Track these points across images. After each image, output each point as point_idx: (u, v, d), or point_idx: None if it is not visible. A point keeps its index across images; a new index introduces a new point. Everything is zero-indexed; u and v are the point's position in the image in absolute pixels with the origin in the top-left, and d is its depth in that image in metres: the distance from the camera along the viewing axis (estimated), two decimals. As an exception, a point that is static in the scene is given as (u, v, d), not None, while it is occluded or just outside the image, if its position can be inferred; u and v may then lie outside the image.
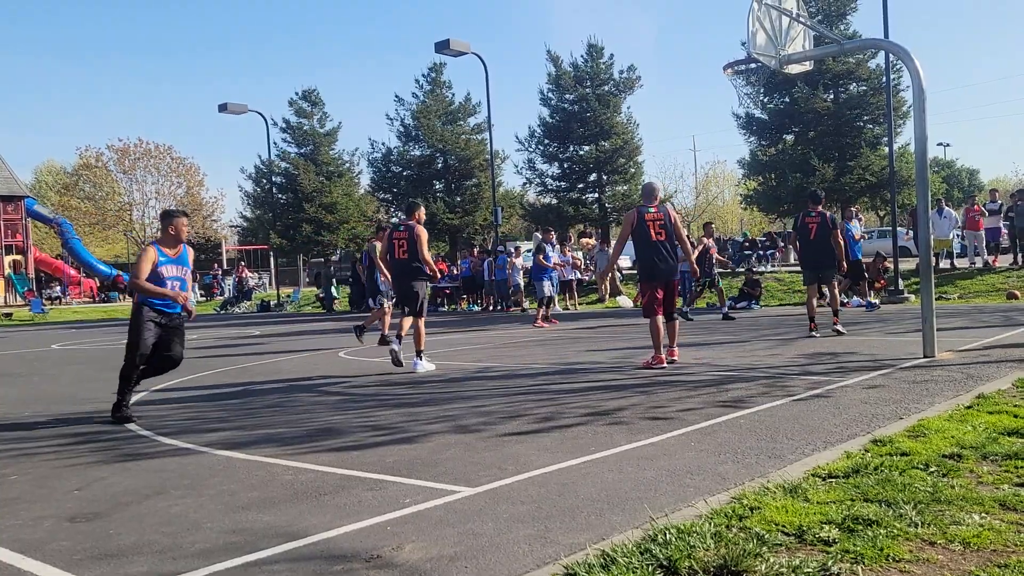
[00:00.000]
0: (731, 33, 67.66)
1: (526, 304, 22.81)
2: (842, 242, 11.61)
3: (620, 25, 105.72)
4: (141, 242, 49.25)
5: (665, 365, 8.85)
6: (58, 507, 4.29)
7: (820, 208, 11.46)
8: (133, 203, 49.30)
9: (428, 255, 9.79)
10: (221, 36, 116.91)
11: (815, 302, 11.83)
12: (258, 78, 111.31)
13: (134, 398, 8.23)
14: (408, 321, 9.80)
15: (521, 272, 22.90)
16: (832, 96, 28.99)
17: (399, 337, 9.73)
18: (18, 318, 30.24)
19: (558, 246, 21.64)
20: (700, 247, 15.77)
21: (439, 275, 9.47)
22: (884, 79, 22.89)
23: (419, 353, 9.68)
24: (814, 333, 11.30)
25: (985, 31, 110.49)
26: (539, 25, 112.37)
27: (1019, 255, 19.77)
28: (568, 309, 21.86)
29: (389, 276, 10.78)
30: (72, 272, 43.40)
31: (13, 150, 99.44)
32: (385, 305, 12.91)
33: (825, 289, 14.91)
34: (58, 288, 41.41)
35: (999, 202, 21.49)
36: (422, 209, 10.32)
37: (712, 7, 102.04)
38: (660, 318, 8.95)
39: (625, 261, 27.25)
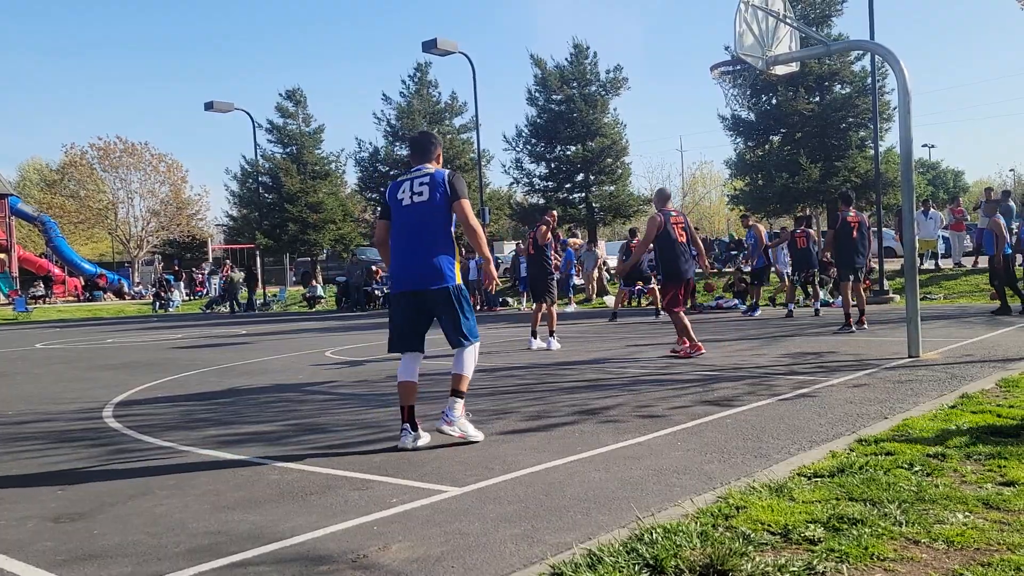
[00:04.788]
0: (719, 34, 67.91)
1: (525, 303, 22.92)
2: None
3: (610, 25, 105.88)
4: (126, 240, 48.96)
5: (703, 351, 9.73)
6: (42, 507, 4.25)
7: (853, 208, 11.92)
8: (117, 201, 48.93)
9: (544, 249, 11.46)
10: (210, 35, 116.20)
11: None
12: (248, 78, 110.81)
13: (118, 398, 8.19)
14: (553, 309, 11.66)
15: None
16: (818, 98, 29.12)
17: (549, 332, 11.49)
18: (1, 317, 29.96)
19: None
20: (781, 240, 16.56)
21: (556, 268, 11.87)
22: (869, 81, 23.02)
23: (552, 333, 11.47)
24: (862, 327, 11.71)
25: (976, 33, 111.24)
26: (528, 24, 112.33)
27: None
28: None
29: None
30: (57, 271, 43.06)
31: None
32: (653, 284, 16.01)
33: (816, 289, 15.22)
34: (42, 287, 41.06)
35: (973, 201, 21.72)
36: (554, 213, 12.20)
37: (700, 8, 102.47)
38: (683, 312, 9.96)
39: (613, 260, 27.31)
